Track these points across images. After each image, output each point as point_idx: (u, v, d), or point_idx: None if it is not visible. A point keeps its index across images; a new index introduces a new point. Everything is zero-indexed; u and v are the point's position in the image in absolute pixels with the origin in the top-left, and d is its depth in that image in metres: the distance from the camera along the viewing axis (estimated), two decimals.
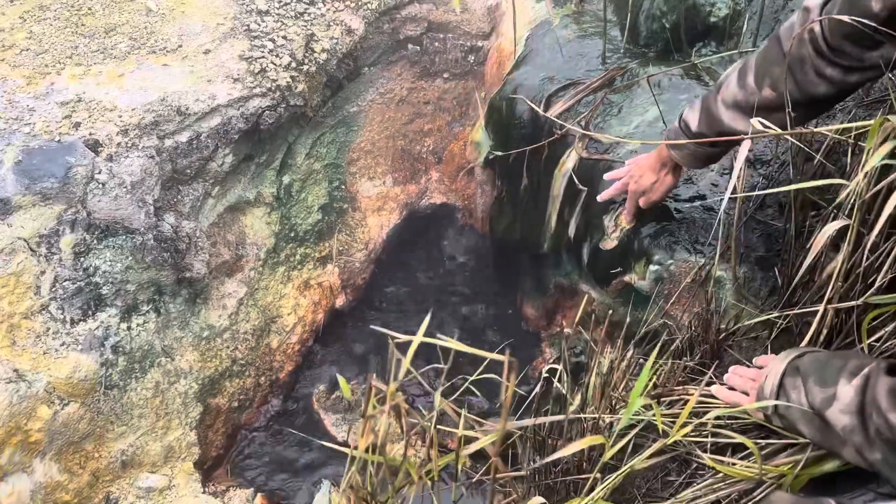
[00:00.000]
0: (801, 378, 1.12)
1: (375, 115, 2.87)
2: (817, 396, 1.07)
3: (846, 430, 1.01)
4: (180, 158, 2.22)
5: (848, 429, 1.01)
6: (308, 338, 2.67)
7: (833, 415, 1.04)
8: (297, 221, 2.68)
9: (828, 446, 1.10)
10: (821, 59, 1.22)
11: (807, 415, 1.11)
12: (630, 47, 2.32)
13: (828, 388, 1.06)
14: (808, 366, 1.13)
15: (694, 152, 1.54)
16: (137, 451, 2.11)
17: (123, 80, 2.29)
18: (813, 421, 1.10)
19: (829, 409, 1.04)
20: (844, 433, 1.02)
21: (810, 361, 1.14)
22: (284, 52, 2.38)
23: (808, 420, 1.11)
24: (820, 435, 1.10)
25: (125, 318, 2.11)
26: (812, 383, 1.09)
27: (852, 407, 1.00)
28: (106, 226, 2.06)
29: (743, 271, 1.61)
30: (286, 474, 2.35)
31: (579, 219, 2.13)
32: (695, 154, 1.55)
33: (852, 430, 1.00)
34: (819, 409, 1.07)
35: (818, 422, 1.09)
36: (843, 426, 1.02)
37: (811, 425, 1.11)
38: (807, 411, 1.10)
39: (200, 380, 2.27)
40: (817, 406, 1.07)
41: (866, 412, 0.98)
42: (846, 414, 1.01)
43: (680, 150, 1.57)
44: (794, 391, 1.13)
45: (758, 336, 1.49)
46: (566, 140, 2.17)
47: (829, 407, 1.04)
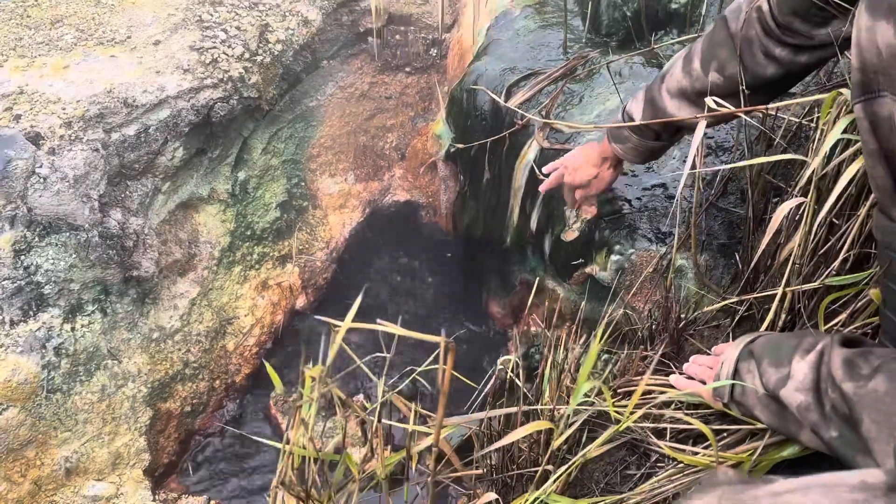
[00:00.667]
0: (756, 361, 1.08)
1: (336, 110, 2.80)
2: (772, 378, 1.03)
3: (801, 409, 0.97)
4: (128, 152, 2.13)
5: (803, 407, 0.96)
6: (266, 339, 2.58)
7: (788, 394, 0.99)
8: (255, 219, 2.59)
9: (785, 431, 1.06)
10: (769, 38, 1.17)
11: (763, 399, 1.07)
12: (591, 36, 2.28)
13: (782, 368, 1.01)
14: (761, 348, 1.09)
15: (636, 146, 1.47)
16: (83, 457, 2.01)
17: (69, 71, 2.20)
18: (769, 406, 1.06)
19: (784, 388, 1.00)
20: (800, 412, 0.97)
21: (764, 343, 1.10)
22: (237, 42, 2.31)
23: (764, 405, 1.07)
24: (777, 419, 1.06)
25: (69, 319, 2.02)
26: (766, 365, 1.05)
27: (807, 384, 0.96)
28: (48, 222, 1.97)
29: (704, 259, 1.56)
30: (242, 480, 2.26)
31: (541, 211, 2.08)
32: (637, 148, 1.48)
33: (807, 408, 0.96)
34: (774, 391, 1.02)
35: (774, 406, 1.05)
36: (797, 404, 0.97)
37: (767, 410, 1.07)
38: (762, 396, 1.06)
39: (150, 383, 2.18)
40: (772, 387, 1.03)
41: (821, 388, 0.94)
42: (801, 392, 0.97)
43: (622, 143, 1.50)
44: (749, 375, 1.08)
45: (719, 324, 1.44)
46: (527, 131, 2.12)
47: (784, 386, 1.00)
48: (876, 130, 0.89)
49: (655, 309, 1.45)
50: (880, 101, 0.87)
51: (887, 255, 0.94)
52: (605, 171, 1.61)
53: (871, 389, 0.86)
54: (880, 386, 0.85)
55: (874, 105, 0.87)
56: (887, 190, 0.90)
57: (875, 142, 0.89)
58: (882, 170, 0.89)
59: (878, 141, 0.89)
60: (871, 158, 0.90)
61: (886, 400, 0.83)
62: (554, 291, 2.14)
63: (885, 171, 0.89)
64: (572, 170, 1.65)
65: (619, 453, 1.30)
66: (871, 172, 0.92)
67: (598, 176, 1.62)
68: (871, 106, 0.88)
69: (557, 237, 1.93)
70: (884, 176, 0.90)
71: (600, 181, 1.63)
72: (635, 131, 1.46)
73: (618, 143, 1.52)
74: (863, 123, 0.90)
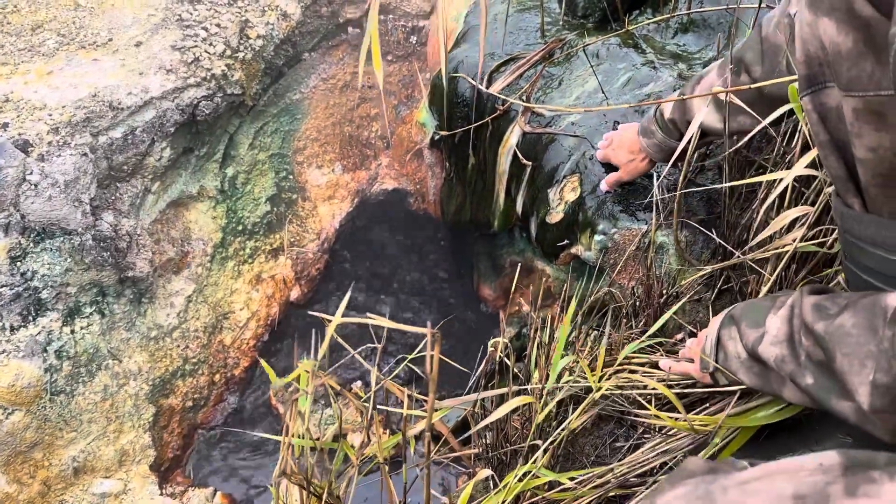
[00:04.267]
0: (736, 325, 1.10)
1: (320, 102, 2.83)
2: (750, 338, 1.05)
3: (778, 362, 0.98)
4: (116, 155, 2.15)
5: (780, 359, 0.98)
6: (263, 332, 2.62)
7: (765, 349, 1.01)
8: (245, 214, 2.63)
9: (769, 390, 1.06)
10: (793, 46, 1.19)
11: (745, 362, 1.08)
12: (568, 19, 2.30)
13: (760, 328, 1.03)
14: (740, 312, 1.11)
15: (660, 143, 1.53)
16: (89, 456, 2.06)
17: (52, 77, 2.22)
18: (752, 367, 1.08)
19: (761, 345, 1.02)
20: (777, 365, 0.99)
21: (743, 307, 1.13)
22: (218, 40, 2.33)
23: (747, 367, 1.09)
24: (760, 380, 1.07)
25: (67, 322, 2.05)
26: (745, 327, 1.07)
27: (781, 336, 0.98)
28: (42, 228, 2.00)
29: (684, 235, 1.61)
30: (246, 471, 2.31)
31: (526, 194, 2.12)
32: (660, 145, 1.53)
33: (783, 360, 0.97)
34: (752, 349, 1.04)
35: (756, 367, 1.06)
36: (774, 358, 0.99)
37: (750, 372, 1.08)
38: (745, 359, 1.08)
39: (151, 381, 2.22)
40: (750, 347, 1.05)
41: (795, 339, 0.96)
42: (776, 345, 0.99)
43: (649, 138, 1.56)
44: (731, 341, 1.11)
45: (700, 298, 1.49)
46: (509, 116, 2.15)
47: (761, 343, 1.02)
48: (825, 121, 0.91)
49: (638, 285, 1.50)
50: (827, 92, 0.88)
51: (846, 239, 0.97)
52: (639, 159, 1.66)
53: (839, 325, 0.87)
54: (847, 320, 0.86)
55: (821, 96, 0.90)
56: (841, 178, 0.92)
57: (825, 132, 0.91)
58: (835, 160, 0.91)
59: (828, 132, 0.91)
60: (823, 149, 0.93)
61: (854, 332, 0.84)
62: (543, 272, 2.19)
63: (837, 160, 0.91)
64: (616, 146, 1.71)
65: (608, 427, 1.35)
66: (825, 162, 0.94)
67: (632, 162, 1.67)
68: (818, 97, 0.90)
69: (543, 219, 1.97)
70: (837, 165, 0.91)
71: (633, 168, 1.68)
72: (662, 128, 1.51)
73: (645, 138, 1.57)
74: (812, 115, 0.92)
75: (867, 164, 0.86)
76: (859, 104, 0.82)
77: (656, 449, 1.17)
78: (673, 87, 1.88)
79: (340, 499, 1.10)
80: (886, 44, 0.73)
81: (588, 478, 1.16)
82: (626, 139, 1.70)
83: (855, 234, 0.93)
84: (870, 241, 0.91)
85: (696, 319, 1.47)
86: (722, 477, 0.65)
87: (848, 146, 0.88)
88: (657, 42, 2.09)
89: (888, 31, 0.71)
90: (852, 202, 0.92)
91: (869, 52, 0.80)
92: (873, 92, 0.81)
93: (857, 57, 0.81)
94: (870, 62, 0.80)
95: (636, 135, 1.63)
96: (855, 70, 0.82)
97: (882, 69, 0.79)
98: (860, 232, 0.92)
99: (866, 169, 0.86)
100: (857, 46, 0.81)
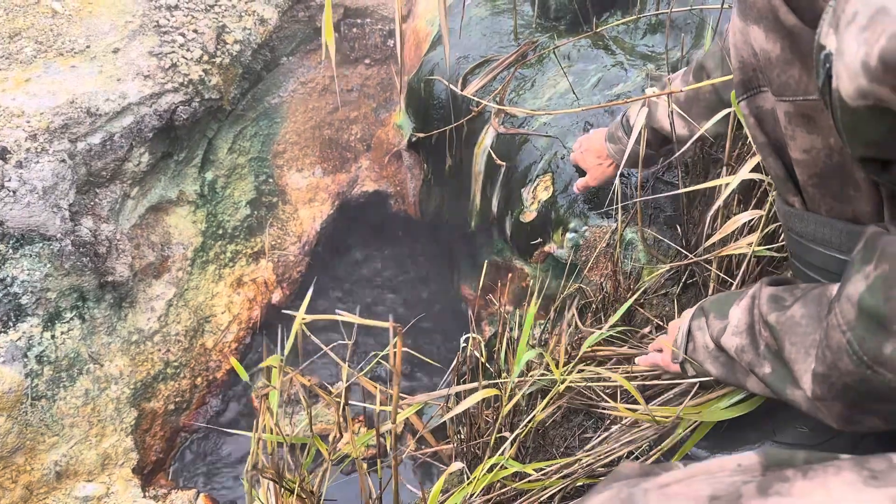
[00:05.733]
0: (704, 316, 1.11)
1: (298, 106, 2.85)
2: (716, 329, 1.06)
3: (738, 352, 1.00)
4: (94, 160, 2.17)
5: (740, 349, 0.99)
6: (245, 335, 2.64)
7: (727, 339, 1.02)
8: (225, 218, 2.65)
9: (734, 381, 1.07)
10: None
11: (712, 353, 1.09)
12: (541, 21, 2.34)
13: (724, 319, 1.05)
14: (709, 304, 1.13)
15: (625, 149, 1.53)
16: (72, 460, 2.07)
17: (30, 84, 2.23)
18: (718, 357, 1.08)
19: (724, 335, 1.03)
20: (738, 355, 1.00)
21: (712, 299, 1.14)
22: (195, 45, 2.35)
23: (713, 357, 1.09)
24: (725, 370, 1.08)
25: (48, 327, 2.07)
26: (712, 318, 1.08)
27: (741, 326, 0.99)
28: (21, 234, 2.01)
29: (652, 231, 1.65)
30: (229, 473, 2.33)
31: (500, 194, 2.15)
32: (625, 151, 1.53)
33: (743, 350, 0.98)
34: (716, 339, 1.06)
35: (723, 357, 1.07)
36: (735, 348, 1.00)
37: (717, 362, 1.09)
38: (712, 349, 1.08)
39: (132, 384, 2.24)
40: (715, 337, 1.06)
41: (755, 329, 0.97)
42: (736, 335, 1.00)
43: (615, 143, 1.57)
44: (699, 332, 1.12)
45: (667, 292, 1.53)
46: (483, 117, 2.19)
47: (724, 334, 1.03)
48: (762, 124, 0.94)
49: (606, 281, 1.54)
50: (762, 97, 0.92)
51: (790, 237, 0.99)
52: (606, 164, 1.66)
53: (790, 315, 0.88)
54: (798, 311, 0.88)
55: (757, 100, 0.93)
56: (781, 178, 0.95)
57: (763, 135, 0.94)
58: (773, 160, 0.95)
59: (765, 134, 0.94)
60: (762, 151, 0.96)
61: (802, 322, 0.86)
62: (521, 270, 2.22)
63: (775, 161, 0.94)
64: (584, 150, 1.72)
65: (577, 419, 1.39)
66: (764, 163, 0.98)
67: (599, 167, 1.68)
68: (754, 101, 0.93)
69: (517, 218, 2.01)
70: (776, 166, 0.95)
71: (600, 174, 1.68)
72: (628, 134, 1.51)
73: (611, 143, 1.58)
74: (749, 119, 0.95)
75: (803, 164, 0.89)
76: (790, 108, 0.86)
77: (621, 439, 1.20)
78: (641, 88, 1.92)
79: (314, 493, 1.12)
80: (811, 51, 0.76)
81: (555, 468, 1.19)
82: (593, 144, 1.70)
83: (797, 231, 0.97)
84: (811, 238, 0.94)
85: (663, 313, 1.50)
86: (644, 480, 0.67)
87: (785, 147, 0.91)
88: (626, 43, 2.13)
89: (811, 40, 0.75)
90: (793, 201, 0.95)
91: (795, 58, 0.83)
92: (802, 97, 0.84)
93: (786, 64, 0.84)
94: (797, 69, 0.84)
95: (603, 140, 1.64)
96: (784, 76, 0.85)
97: (808, 75, 0.83)
98: (802, 229, 0.95)
99: (802, 169, 0.90)
100: (785, 53, 0.84)
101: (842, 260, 0.92)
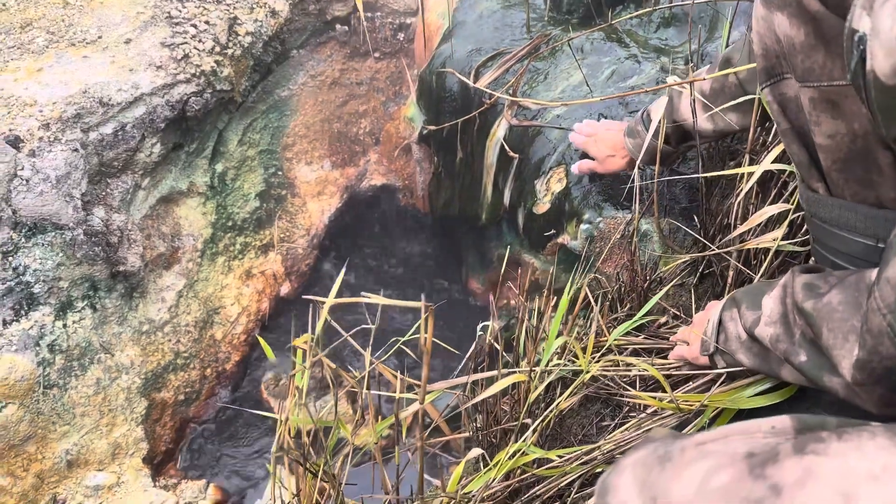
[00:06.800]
0: (736, 307, 1.11)
1: (308, 99, 2.85)
2: (749, 319, 1.06)
3: (773, 342, 0.99)
4: (106, 150, 2.17)
5: (774, 339, 0.99)
6: (254, 327, 2.65)
7: (761, 330, 1.02)
8: (235, 210, 2.65)
9: (768, 371, 1.07)
10: None
11: (745, 343, 1.08)
12: (553, 14, 2.34)
13: (758, 310, 1.04)
14: (741, 294, 1.12)
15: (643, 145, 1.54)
16: (83, 449, 2.07)
17: (42, 74, 2.23)
18: (751, 348, 1.08)
19: (758, 326, 1.03)
20: (773, 345, 1.00)
21: (744, 290, 1.13)
22: (207, 36, 2.35)
23: (746, 348, 1.09)
24: (759, 360, 1.07)
25: (60, 316, 2.07)
26: (745, 308, 1.08)
27: (775, 316, 0.99)
28: (33, 223, 2.01)
29: (667, 222, 1.65)
30: (238, 464, 2.33)
31: (513, 186, 2.15)
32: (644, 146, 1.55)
33: (778, 339, 0.98)
34: (749, 330, 1.05)
35: (756, 347, 1.07)
36: (769, 338, 1.00)
37: (750, 353, 1.08)
38: (745, 340, 1.08)
39: (143, 374, 2.24)
40: (748, 327, 1.05)
41: (789, 318, 0.96)
42: (770, 325, 1.00)
43: (633, 138, 1.57)
44: (731, 322, 1.11)
45: (684, 282, 1.53)
46: (496, 109, 2.19)
47: (758, 325, 1.03)
48: (785, 111, 0.95)
49: (623, 272, 1.54)
50: (785, 83, 0.93)
51: (814, 223, 1.00)
52: (619, 157, 1.66)
53: (826, 302, 0.88)
54: (834, 298, 0.88)
55: (780, 87, 0.94)
56: (804, 164, 0.96)
57: (786, 122, 0.95)
58: (797, 147, 0.95)
59: (788, 121, 0.95)
60: (786, 137, 0.97)
61: (840, 309, 0.86)
62: (531, 264, 2.22)
63: (799, 147, 0.95)
64: (597, 140, 1.72)
65: (595, 407, 1.39)
66: (788, 150, 0.98)
67: (611, 158, 1.68)
68: (777, 88, 0.94)
69: (530, 210, 2.01)
70: (799, 152, 0.95)
71: (612, 164, 1.69)
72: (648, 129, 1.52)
73: (629, 138, 1.58)
74: (772, 106, 0.96)
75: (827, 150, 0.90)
76: (815, 94, 0.87)
77: (642, 427, 1.20)
78: (656, 80, 1.93)
79: (336, 477, 1.13)
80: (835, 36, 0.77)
81: (575, 455, 1.19)
82: (609, 136, 1.71)
83: (821, 217, 0.97)
84: (835, 224, 0.95)
85: (680, 303, 1.51)
86: (680, 439, 0.69)
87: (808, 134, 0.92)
88: (640, 36, 2.14)
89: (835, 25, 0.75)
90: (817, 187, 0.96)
91: (820, 44, 0.84)
92: (826, 82, 0.85)
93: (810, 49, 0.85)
94: (821, 54, 0.84)
95: (621, 135, 1.64)
96: (808, 62, 0.86)
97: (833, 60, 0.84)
98: (826, 215, 0.96)
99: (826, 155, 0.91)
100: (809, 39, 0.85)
101: (867, 245, 0.93)
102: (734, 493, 0.61)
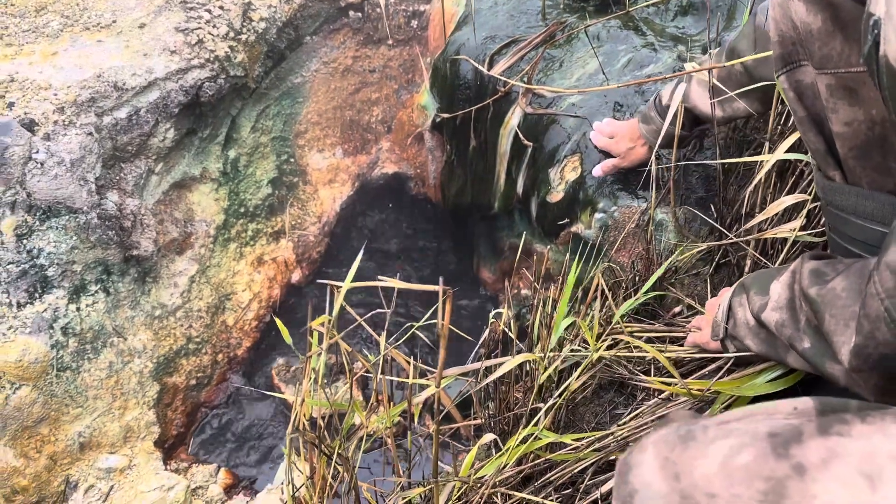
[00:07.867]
0: (745, 293, 1.11)
1: (321, 86, 2.85)
2: (756, 304, 1.06)
3: (779, 327, 0.99)
4: (120, 135, 2.17)
5: (780, 324, 0.99)
6: (265, 313, 2.65)
7: (767, 315, 1.02)
8: (247, 196, 2.65)
9: (775, 356, 1.07)
10: None
11: (753, 328, 1.09)
12: (570, 2, 2.33)
13: (766, 295, 1.04)
14: (750, 280, 1.12)
15: (659, 129, 1.53)
16: (95, 432, 2.08)
17: (57, 58, 2.23)
18: (759, 333, 1.08)
19: (765, 311, 1.03)
20: (778, 330, 1.00)
21: (753, 276, 1.14)
22: (221, 21, 2.34)
23: (754, 333, 1.09)
24: (766, 346, 1.07)
25: (73, 300, 2.08)
26: (753, 294, 1.08)
27: (781, 302, 0.99)
28: (48, 206, 2.02)
29: (683, 212, 1.64)
30: (250, 449, 2.34)
31: (526, 175, 2.14)
32: (658, 131, 1.54)
33: (783, 325, 0.98)
34: (757, 315, 1.05)
35: (763, 333, 1.07)
36: (775, 322, 1.00)
37: (757, 338, 1.09)
38: (753, 325, 1.08)
39: (155, 359, 2.25)
40: (755, 312, 1.06)
41: (796, 304, 0.96)
42: (776, 310, 1.00)
43: (648, 124, 1.59)
44: (741, 308, 1.12)
45: (699, 272, 1.52)
46: (510, 97, 2.18)
47: (765, 310, 1.03)
48: (802, 98, 0.94)
49: (638, 261, 1.53)
50: (802, 70, 0.92)
51: (829, 211, 1.00)
52: (639, 147, 1.68)
53: (831, 288, 0.88)
54: (839, 284, 0.88)
55: (797, 74, 0.93)
56: (821, 152, 0.95)
57: (803, 109, 0.95)
58: (813, 135, 0.95)
59: (805, 108, 0.94)
60: (802, 125, 0.96)
61: (843, 295, 0.86)
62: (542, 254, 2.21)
63: (815, 135, 0.94)
64: (617, 138, 1.75)
65: (608, 396, 1.39)
66: (805, 138, 0.98)
67: (632, 150, 1.70)
68: (794, 75, 0.94)
69: (543, 199, 2.00)
70: (816, 140, 0.95)
71: (634, 156, 1.71)
72: (661, 115, 1.53)
73: (644, 124, 1.60)
74: (789, 93, 0.95)
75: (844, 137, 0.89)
76: (832, 81, 0.86)
77: (656, 413, 1.20)
78: (672, 69, 1.91)
79: (349, 460, 1.13)
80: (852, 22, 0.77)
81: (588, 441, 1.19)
82: (625, 129, 1.73)
83: (837, 205, 0.96)
84: (851, 212, 0.94)
85: (694, 293, 1.50)
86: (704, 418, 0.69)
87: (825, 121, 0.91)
88: (657, 24, 2.12)
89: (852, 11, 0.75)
90: (833, 175, 0.95)
91: (837, 30, 0.84)
92: (844, 69, 0.85)
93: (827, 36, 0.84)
94: (839, 40, 0.84)
95: (637, 123, 1.67)
96: (826, 48, 0.85)
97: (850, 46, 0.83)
98: (842, 203, 0.95)
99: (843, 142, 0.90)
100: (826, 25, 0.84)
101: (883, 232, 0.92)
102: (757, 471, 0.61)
